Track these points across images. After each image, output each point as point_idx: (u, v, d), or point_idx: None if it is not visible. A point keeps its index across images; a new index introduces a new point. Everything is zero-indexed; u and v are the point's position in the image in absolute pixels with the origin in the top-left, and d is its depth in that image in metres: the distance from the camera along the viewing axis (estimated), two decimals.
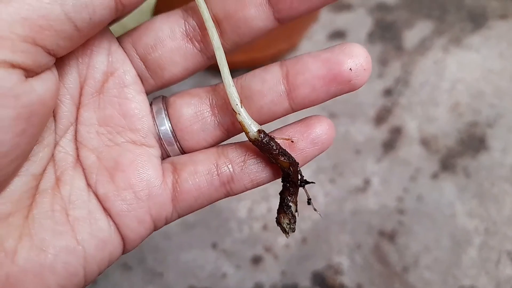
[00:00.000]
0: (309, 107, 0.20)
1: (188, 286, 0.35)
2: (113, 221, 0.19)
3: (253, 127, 0.19)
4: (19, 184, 0.17)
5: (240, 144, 0.20)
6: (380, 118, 0.42)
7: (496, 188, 0.38)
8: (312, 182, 0.21)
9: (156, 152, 0.20)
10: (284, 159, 0.19)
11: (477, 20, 0.46)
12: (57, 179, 0.19)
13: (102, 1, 0.16)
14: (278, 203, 0.21)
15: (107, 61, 0.19)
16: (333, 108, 0.42)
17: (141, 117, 0.20)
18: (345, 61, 0.18)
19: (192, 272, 0.36)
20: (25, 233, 0.17)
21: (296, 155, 0.20)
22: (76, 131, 0.19)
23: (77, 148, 0.19)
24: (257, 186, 0.20)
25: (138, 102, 0.20)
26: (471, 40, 0.45)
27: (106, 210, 0.19)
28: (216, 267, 0.36)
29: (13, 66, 0.15)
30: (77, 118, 0.19)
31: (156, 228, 0.20)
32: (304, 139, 0.20)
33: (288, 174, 0.19)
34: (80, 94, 0.19)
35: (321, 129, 0.20)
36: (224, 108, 0.20)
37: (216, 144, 0.21)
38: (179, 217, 0.20)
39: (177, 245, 0.37)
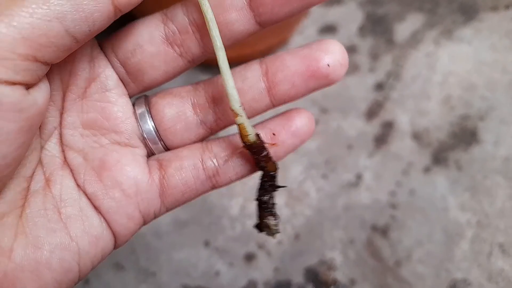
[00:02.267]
0: (290, 102, 0.20)
1: (181, 285, 0.35)
2: (104, 218, 0.19)
3: (252, 131, 0.19)
4: (12, 186, 0.18)
5: (223, 138, 0.21)
6: (372, 112, 0.41)
7: (488, 181, 0.38)
8: (285, 186, 0.22)
9: (141, 151, 0.21)
10: (273, 163, 0.20)
11: (468, 12, 0.46)
12: (47, 180, 0.19)
13: (101, 13, 0.16)
14: (261, 206, 0.21)
15: (89, 67, 0.19)
16: (324, 103, 0.42)
17: (124, 120, 0.20)
18: (323, 57, 0.19)
19: (185, 270, 0.36)
20: (20, 232, 0.17)
21: (278, 148, 0.20)
22: (61, 135, 0.20)
23: (63, 151, 0.20)
24: (242, 178, 0.21)
25: (120, 105, 0.20)
26: (463, 33, 0.45)
27: (96, 208, 0.19)
28: (209, 265, 0.36)
29: (15, 83, 0.15)
30: (61, 123, 0.19)
31: (145, 222, 0.21)
32: (285, 132, 0.20)
33: (273, 177, 0.20)
34: (63, 100, 0.19)
35: (301, 122, 0.21)
36: (206, 107, 0.20)
37: (199, 141, 0.21)
38: (167, 211, 0.21)
39: (169, 244, 0.37)
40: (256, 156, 0.19)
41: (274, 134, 0.20)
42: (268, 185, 0.20)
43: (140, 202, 0.20)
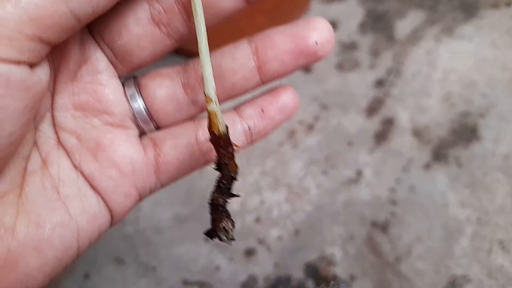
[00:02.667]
0: (278, 79, 0.21)
1: (181, 280, 0.35)
2: (101, 197, 0.20)
3: (223, 121, 0.19)
4: (11, 165, 0.18)
5: None
6: (372, 109, 0.41)
7: (488, 178, 0.39)
8: (239, 195, 0.21)
9: (133, 132, 0.21)
10: (235, 163, 0.19)
11: (469, 9, 0.46)
12: (43, 160, 0.19)
13: None
14: (217, 210, 0.20)
15: (80, 50, 0.19)
16: (325, 99, 0.42)
17: (116, 102, 0.20)
18: (311, 35, 0.20)
19: (185, 265, 0.36)
20: (21, 210, 0.18)
21: (267, 124, 0.21)
22: (53, 117, 0.20)
23: (56, 132, 0.20)
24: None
25: (112, 87, 0.20)
26: (463, 30, 0.45)
27: (93, 187, 0.20)
28: (209, 260, 0.36)
29: (21, 63, 0.15)
30: (52, 105, 0.20)
31: (141, 199, 0.21)
32: (273, 108, 0.21)
33: (232, 179, 0.19)
34: (55, 83, 0.19)
35: (287, 98, 0.21)
36: (197, 87, 0.21)
37: (189, 119, 0.22)
38: (162, 187, 0.22)
39: (169, 239, 0.37)
40: (222, 151, 0.19)
41: (263, 111, 0.21)
42: (226, 188, 0.19)
43: (136, 180, 0.20)
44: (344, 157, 0.40)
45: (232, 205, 0.38)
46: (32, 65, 0.16)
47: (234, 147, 0.19)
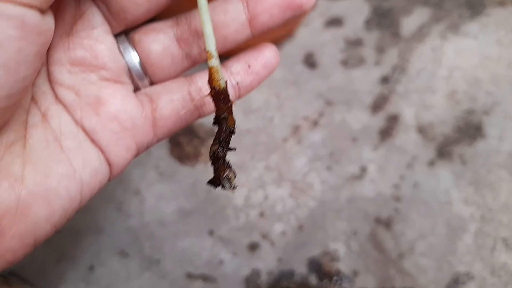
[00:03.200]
0: (267, 30, 0.22)
1: (185, 273, 0.35)
2: (102, 151, 0.20)
3: (223, 76, 0.19)
4: (16, 116, 0.18)
5: (205, 72, 0.22)
6: (377, 105, 0.41)
7: (492, 175, 0.39)
8: (235, 148, 0.21)
9: (130, 87, 0.21)
10: (233, 117, 0.20)
11: (475, 7, 0.45)
12: (43, 114, 0.19)
13: None
14: (218, 161, 0.20)
15: (75, 4, 0.19)
16: (329, 95, 0.42)
17: (112, 57, 0.20)
18: None
19: (189, 259, 0.36)
20: (27, 161, 0.18)
21: (253, 78, 0.22)
22: (48, 72, 0.20)
23: (53, 88, 0.20)
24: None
25: (107, 42, 0.20)
26: (469, 27, 0.45)
27: (94, 142, 0.20)
28: (213, 254, 0.36)
29: (33, 7, 0.15)
30: (47, 60, 0.20)
31: (138, 154, 0.22)
32: (258, 64, 0.22)
33: (231, 134, 0.20)
34: None
35: (270, 54, 0.22)
36: (190, 41, 0.21)
37: (182, 73, 0.22)
38: (158, 141, 0.22)
39: (173, 233, 0.37)
40: (222, 105, 0.20)
41: (249, 66, 0.22)
42: (224, 142, 0.20)
43: (136, 134, 0.21)
44: (348, 153, 0.40)
45: (236, 199, 0.38)
46: (42, 11, 0.16)
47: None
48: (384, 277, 0.35)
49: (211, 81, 0.19)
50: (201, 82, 0.22)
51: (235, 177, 0.20)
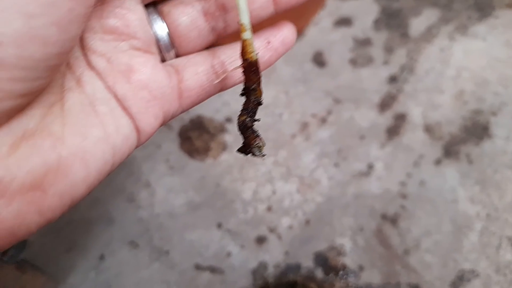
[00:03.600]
0: (288, 8, 0.23)
1: (193, 264, 0.36)
2: (132, 118, 0.21)
3: (255, 48, 0.20)
4: (54, 78, 0.18)
5: (227, 47, 0.23)
6: (385, 104, 0.42)
7: (498, 175, 0.39)
8: (259, 119, 0.22)
9: (158, 58, 0.22)
10: (261, 89, 0.21)
11: (484, 8, 0.46)
12: (77, 80, 0.20)
13: None
14: (248, 130, 0.21)
15: None
16: (338, 93, 0.42)
17: (143, 27, 0.21)
18: None
19: (197, 251, 0.37)
20: (66, 122, 0.18)
21: (271, 54, 0.23)
22: (81, 39, 0.20)
23: (85, 55, 0.20)
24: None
25: (138, 13, 0.21)
26: (478, 29, 0.45)
27: (125, 109, 0.20)
28: (221, 247, 0.37)
29: None
30: None
31: (164, 123, 0.22)
32: (277, 40, 0.23)
33: (258, 104, 0.21)
34: None
35: (288, 31, 0.23)
36: (217, 15, 0.22)
37: (206, 47, 0.23)
38: (182, 111, 0.23)
39: (183, 225, 0.37)
40: (253, 76, 0.20)
41: (268, 43, 0.23)
42: (252, 112, 0.21)
43: (163, 104, 0.21)
44: (356, 150, 0.40)
45: (245, 193, 0.39)
46: None
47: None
48: (389, 273, 0.36)
49: (244, 53, 0.20)
50: (224, 56, 0.23)
51: (264, 145, 0.21)
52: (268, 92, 0.42)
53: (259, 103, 0.21)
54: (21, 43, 0.15)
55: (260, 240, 0.37)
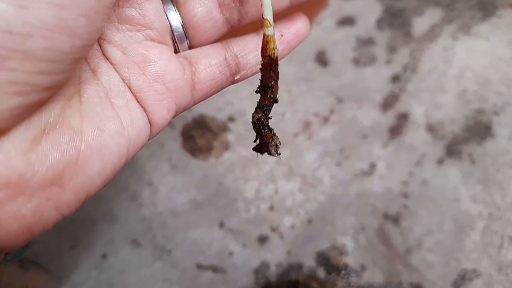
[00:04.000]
0: (301, 2, 0.23)
1: (196, 263, 0.36)
2: (146, 111, 0.21)
3: (276, 45, 0.20)
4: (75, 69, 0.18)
5: (239, 39, 0.23)
6: (387, 103, 0.42)
7: (501, 175, 0.39)
8: (271, 117, 0.22)
9: (172, 49, 0.22)
10: (277, 87, 0.21)
11: (487, 8, 0.46)
12: (93, 71, 0.20)
13: None
14: (264, 128, 0.21)
15: None
16: (340, 93, 0.42)
17: (158, 17, 0.21)
18: None
19: (200, 249, 0.37)
20: (84, 116, 0.18)
21: (284, 47, 0.23)
22: None
23: (100, 45, 0.20)
24: (255, 74, 0.23)
25: (154, 2, 0.21)
26: (481, 28, 0.45)
27: (139, 101, 0.20)
28: (223, 246, 0.37)
29: None
30: None
31: (176, 115, 0.22)
32: (290, 33, 0.23)
33: (274, 100, 0.21)
34: None
35: (302, 23, 0.23)
36: (232, 6, 0.22)
37: (220, 37, 0.23)
38: (194, 104, 0.23)
39: (185, 224, 0.37)
40: (272, 73, 0.20)
41: (282, 36, 0.23)
42: (267, 109, 0.21)
43: (177, 96, 0.21)
44: (358, 149, 0.40)
45: (247, 192, 0.39)
46: None
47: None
48: (391, 272, 0.36)
49: (266, 49, 0.20)
50: (237, 48, 0.23)
51: (280, 144, 0.21)
52: None
53: (275, 101, 0.21)
54: (50, 35, 0.15)
55: (262, 239, 0.37)
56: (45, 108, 0.17)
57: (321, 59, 0.44)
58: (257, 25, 0.23)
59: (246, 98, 0.42)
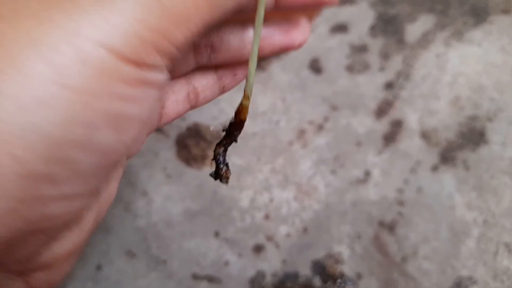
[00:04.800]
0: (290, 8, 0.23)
1: (191, 273, 0.36)
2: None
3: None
4: None
5: (201, 76, 0.24)
6: (381, 111, 0.42)
7: (495, 181, 0.39)
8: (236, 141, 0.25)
9: None
10: (240, 132, 0.23)
11: (480, 14, 0.46)
12: None
13: None
14: (219, 161, 0.24)
15: None
16: (334, 100, 0.42)
17: None
18: None
19: (195, 259, 0.37)
20: None
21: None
22: None
23: None
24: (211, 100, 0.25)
25: None
26: (473, 34, 0.45)
27: None
28: (219, 255, 0.37)
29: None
30: None
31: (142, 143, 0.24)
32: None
33: (235, 141, 0.23)
34: None
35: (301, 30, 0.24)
36: (203, 51, 0.23)
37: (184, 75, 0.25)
38: (153, 131, 0.24)
39: (180, 234, 0.37)
40: (236, 132, 0.23)
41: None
42: (228, 145, 0.23)
43: (150, 129, 0.23)
44: (353, 157, 0.40)
45: (242, 201, 0.39)
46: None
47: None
48: (387, 280, 0.36)
49: (240, 114, 0.22)
50: (197, 83, 0.24)
51: (230, 175, 0.24)
52: (265, 99, 0.42)
53: (236, 141, 0.23)
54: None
55: (258, 248, 0.37)
56: None
57: (315, 67, 0.44)
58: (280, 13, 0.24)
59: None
